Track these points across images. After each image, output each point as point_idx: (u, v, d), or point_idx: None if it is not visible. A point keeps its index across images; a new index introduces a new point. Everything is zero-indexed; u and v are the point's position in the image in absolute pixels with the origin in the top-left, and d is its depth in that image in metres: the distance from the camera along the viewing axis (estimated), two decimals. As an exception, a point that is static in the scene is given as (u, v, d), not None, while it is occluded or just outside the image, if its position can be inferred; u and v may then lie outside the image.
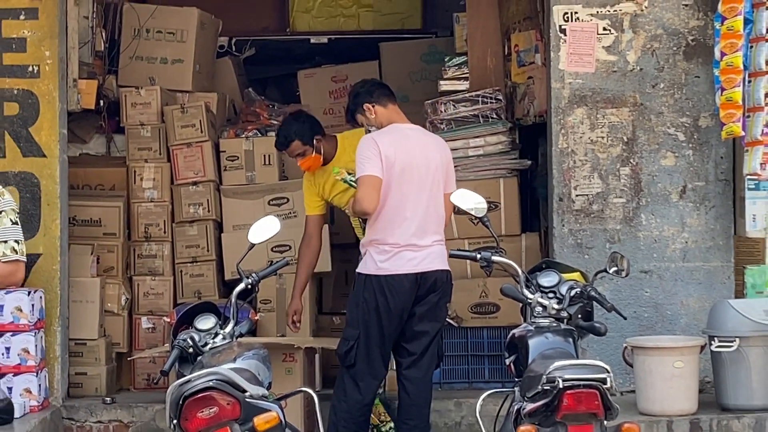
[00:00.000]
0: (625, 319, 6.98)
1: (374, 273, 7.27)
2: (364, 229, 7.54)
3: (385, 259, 7.26)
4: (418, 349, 7.35)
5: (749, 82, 7.60)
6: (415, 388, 7.36)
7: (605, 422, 5.82)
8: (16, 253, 5.58)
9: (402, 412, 7.42)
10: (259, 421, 5.73)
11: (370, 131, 7.53)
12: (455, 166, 7.77)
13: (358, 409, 7.34)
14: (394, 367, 7.57)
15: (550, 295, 6.47)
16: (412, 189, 7.29)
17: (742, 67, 7.51)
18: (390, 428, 8.03)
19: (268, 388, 6.15)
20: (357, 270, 7.42)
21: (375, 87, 7.63)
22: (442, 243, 7.40)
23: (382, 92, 7.57)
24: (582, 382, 5.74)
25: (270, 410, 5.80)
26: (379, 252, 7.27)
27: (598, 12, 8.04)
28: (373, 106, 7.50)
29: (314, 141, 8.13)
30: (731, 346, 7.29)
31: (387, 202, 7.26)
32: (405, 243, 7.25)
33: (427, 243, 7.30)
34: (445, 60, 9.37)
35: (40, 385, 7.97)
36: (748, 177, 7.75)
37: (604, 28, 8.04)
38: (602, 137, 8.06)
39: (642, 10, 8.03)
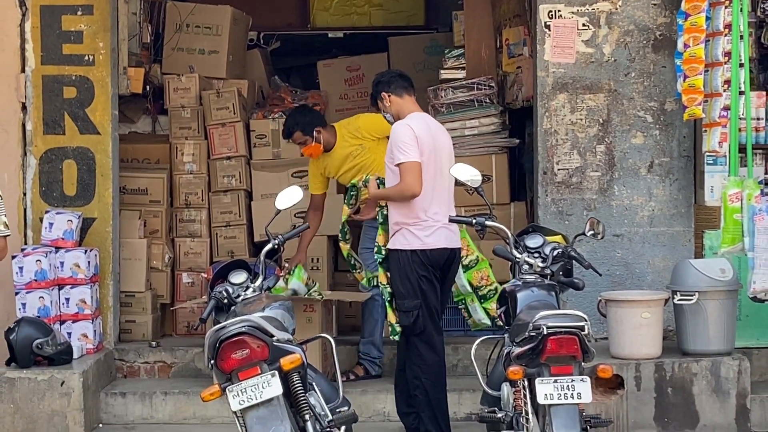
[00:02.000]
0: (600, 275, 6.92)
1: (419, 248, 6.90)
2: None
3: (428, 234, 6.91)
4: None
5: (707, 71, 7.53)
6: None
7: (583, 363, 5.82)
8: (7, 228, 5.47)
9: None
10: (284, 361, 5.72)
11: (386, 118, 7.25)
12: (454, 144, 7.68)
13: (438, 367, 7.02)
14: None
15: (536, 254, 6.42)
16: (444, 170, 6.97)
17: (704, 57, 7.44)
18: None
19: (292, 334, 6.14)
20: (395, 247, 6.97)
21: (394, 78, 7.19)
22: None
23: (400, 84, 7.13)
24: (563, 329, 5.73)
25: (294, 352, 5.80)
26: (421, 228, 6.91)
27: (578, 10, 7.97)
28: (389, 96, 7.10)
29: (314, 132, 8.10)
30: (691, 300, 7.26)
31: (425, 181, 6.91)
32: (442, 220, 6.93)
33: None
34: (445, 52, 9.32)
35: (95, 330, 7.99)
36: (707, 154, 7.71)
37: (584, 24, 7.98)
38: (581, 119, 8.01)
39: (616, 9, 7.97)
